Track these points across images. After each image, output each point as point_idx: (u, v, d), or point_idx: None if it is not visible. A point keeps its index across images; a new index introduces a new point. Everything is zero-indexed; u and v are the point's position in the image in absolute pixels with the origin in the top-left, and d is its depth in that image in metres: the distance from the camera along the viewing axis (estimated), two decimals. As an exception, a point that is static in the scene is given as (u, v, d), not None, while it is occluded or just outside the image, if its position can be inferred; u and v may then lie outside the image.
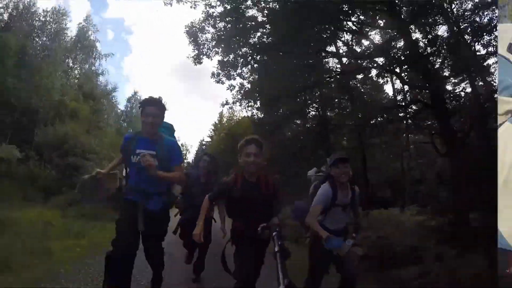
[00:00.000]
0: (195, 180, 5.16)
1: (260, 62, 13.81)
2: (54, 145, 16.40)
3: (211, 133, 38.41)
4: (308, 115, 18.77)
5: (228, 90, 15.62)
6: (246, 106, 17.16)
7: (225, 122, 34.08)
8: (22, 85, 17.37)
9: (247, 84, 15.89)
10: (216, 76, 14.13)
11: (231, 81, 14.92)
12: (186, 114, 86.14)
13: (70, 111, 21.16)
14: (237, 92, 15.86)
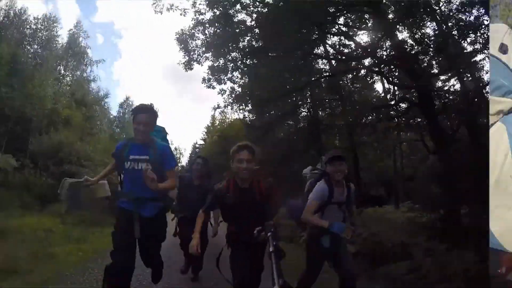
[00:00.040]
0: (188, 183, 5.25)
1: (249, 66, 14.02)
2: (49, 153, 16.47)
3: (204, 136, 38.11)
4: (299, 115, 18.89)
5: (219, 94, 15.75)
6: (237, 109, 17.36)
7: (218, 124, 33.87)
8: (15, 94, 17.38)
9: (237, 88, 15.99)
10: (207, 81, 14.39)
11: (222, 85, 15.09)
12: (179, 117, 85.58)
13: (63, 118, 21.17)
14: (228, 96, 15.93)
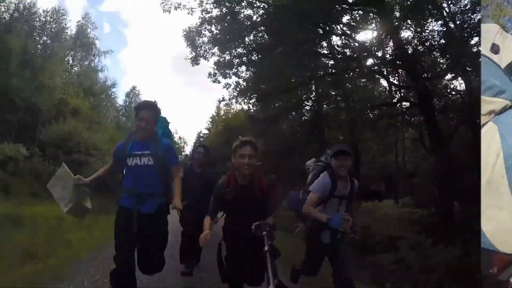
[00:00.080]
0: (190, 171, 5.24)
1: (254, 62, 14.33)
2: (58, 142, 16.95)
3: (208, 126, 38.18)
4: (303, 109, 19.05)
5: (224, 88, 16.02)
6: (242, 102, 17.64)
7: (223, 114, 33.71)
8: (25, 85, 17.76)
9: (242, 82, 16.24)
10: (213, 76, 14.73)
11: (227, 79, 15.39)
12: (184, 106, 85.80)
13: (72, 108, 21.56)
14: (233, 89, 16.21)
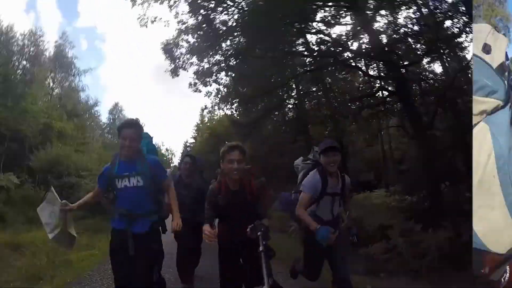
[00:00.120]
0: (179, 181, 5.16)
1: (233, 67, 14.42)
2: (48, 167, 17.00)
3: (194, 134, 37.88)
4: (286, 108, 18.95)
5: (205, 96, 16.33)
6: (224, 108, 18.06)
7: (207, 121, 33.28)
8: (9, 113, 17.86)
9: (223, 88, 16.48)
10: (194, 85, 14.92)
11: (208, 87, 15.56)
12: (168, 117, 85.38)
13: (57, 131, 21.64)
14: (214, 97, 16.50)
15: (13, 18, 39.47)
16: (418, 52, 12.62)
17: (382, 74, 13.68)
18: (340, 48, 13.64)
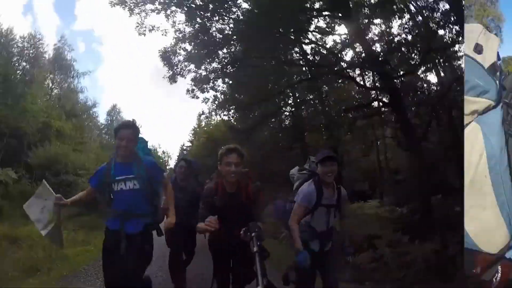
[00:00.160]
0: (174, 185, 5.00)
1: (230, 74, 14.71)
2: (46, 165, 17.22)
3: (191, 138, 37.59)
4: (282, 115, 18.96)
5: (203, 103, 16.53)
6: (221, 114, 18.29)
7: (204, 126, 32.60)
8: (9, 112, 18.17)
9: (220, 95, 16.60)
10: (191, 92, 15.08)
11: (205, 93, 15.72)
12: (166, 119, 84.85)
13: (55, 130, 21.85)
14: (211, 103, 16.60)
15: (12, 20, 39.72)
16: (412, 62, 12.85)
17: (376, 84, 14.01)
18: (334, 58, 13.91)
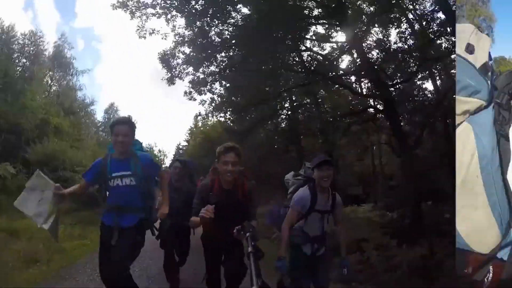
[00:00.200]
0: (168, 185, 4.76)
1: (227, 77, 15.01)
2: (44, 161, 17.41)
3: (187, 138, 38.30)
4: (278, 118, 19.42)
5: (200, 104, 16.59)
6: (218, 116, 18.48)
7: (201, 126, 33.71)
8: (8, 107, 18.50)
9: (217, 98, 16.80)
10: (189, 94, 15.32)
11: (203, 96, 15.91)
12: (163, 119, 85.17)
13: (53, 127, 22.14)
14: (208, 105, 16.80)
15: (12, 16, 40.00)
16: (408, 71, 13.17)
17: (371, 92, 14.19)
18: (331, 65, 14.31)
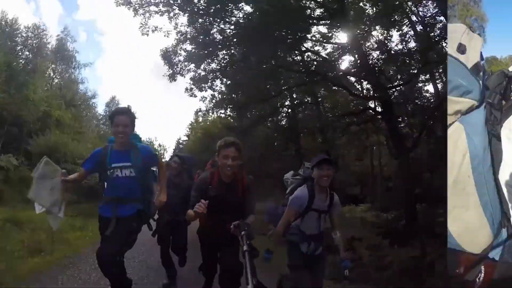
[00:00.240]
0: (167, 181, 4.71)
1: (228, 75, 15.17)
2: (46, 153, 17.69)
3: (187, 132, 37.57)
4: (279, 116, 19.56)
5: (200, 101, 17.01)
6: (218, 112, 18.80)
7: (201, 121, 33.25)
8: (11, 100, 18.80)
9: (218, 95, 16.87)
10: (189, 90, 15.52)
11: (203, 92, 16.08)
12: (164, 113, 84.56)
13: (55, 119, 22.48)
14: (209, 102, 16.93)
15: (15, 7, 40.00)
16: (408, 74, 13.23)
17: (370, 93, 14.30)
18: (331, 66, 14.41)
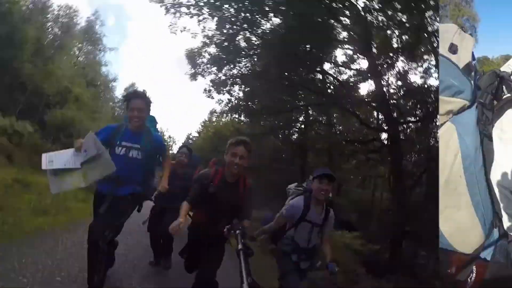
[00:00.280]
0: (172, 171, 4.59)
1: (247, 83, 15.56)
2: (61, 126, 18.41)
3: (199, 129, 37.46)
4: (290, 130, 19.75)
5: (217, 103, 17.39)
6: (231, 117, 19.18)
7: (214, 121, 32.97)
8: (36, 72, 19.55)
9: (234, 100, 17.07)
10: (208, 92, 16.07)
11: (220, 96, 16.55)
12: (180, 106, 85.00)
13: (74, 96, 23.08)
14: (225, 105, 17.26)
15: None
16: (421, 112, 13.38)
17: (380, 125, 14.40)
18: (347, 91, 14.71)
